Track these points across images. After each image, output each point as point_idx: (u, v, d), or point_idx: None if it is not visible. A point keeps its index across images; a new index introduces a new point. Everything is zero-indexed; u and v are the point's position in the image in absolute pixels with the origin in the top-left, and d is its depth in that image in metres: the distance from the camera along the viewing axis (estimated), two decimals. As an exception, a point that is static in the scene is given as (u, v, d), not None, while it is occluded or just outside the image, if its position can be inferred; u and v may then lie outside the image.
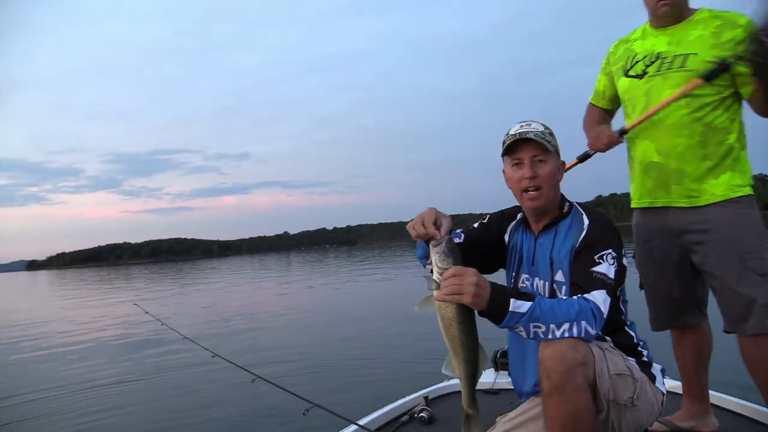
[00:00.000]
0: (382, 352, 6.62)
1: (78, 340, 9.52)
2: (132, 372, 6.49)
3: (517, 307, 1.39)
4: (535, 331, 1.41)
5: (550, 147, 1.67)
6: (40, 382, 6.26)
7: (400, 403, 2.71)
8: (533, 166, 1.66)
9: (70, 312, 16.05)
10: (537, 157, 1.66)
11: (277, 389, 2.67)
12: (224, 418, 4.41)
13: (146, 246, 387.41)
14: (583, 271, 1.54)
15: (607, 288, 1.50)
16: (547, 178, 1.67)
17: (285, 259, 66.05)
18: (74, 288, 32.54)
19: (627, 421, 1.54)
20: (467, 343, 1.45)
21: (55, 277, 72.20)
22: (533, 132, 1.65)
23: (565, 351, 1.39)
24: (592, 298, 1.46)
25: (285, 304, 13.70)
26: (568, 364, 1.38)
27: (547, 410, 1.44)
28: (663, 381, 1.73)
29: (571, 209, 1.75)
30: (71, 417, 4.83)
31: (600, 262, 1.54)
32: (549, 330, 1.40)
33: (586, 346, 1.44)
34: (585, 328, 1.41)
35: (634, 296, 1.96)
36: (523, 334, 1.43)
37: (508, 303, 1.39)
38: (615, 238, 1.61)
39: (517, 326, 1.41)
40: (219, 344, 7.28)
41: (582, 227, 1.67)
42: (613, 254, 1.56)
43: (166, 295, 19.60)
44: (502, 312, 1.39)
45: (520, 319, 1.39)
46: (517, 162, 1.69)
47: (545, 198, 1.68)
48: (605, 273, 1.52)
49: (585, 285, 1.50)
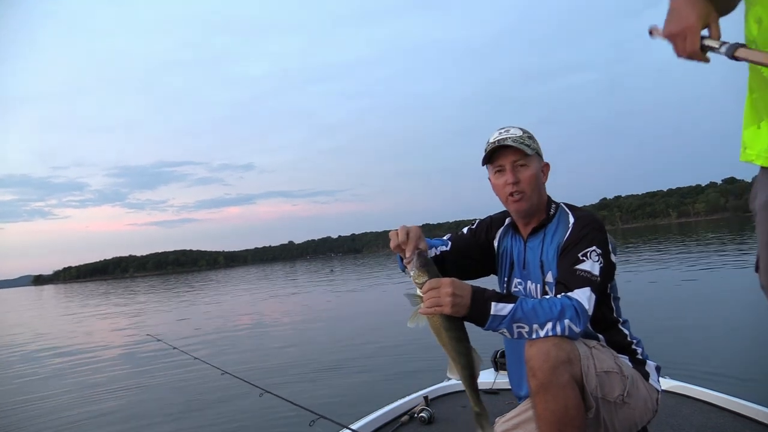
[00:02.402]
0: (384, 354, 6.70)
1: (84, 358, 9.43)
2: (141, 389, 6.46)
3: (499, 309, 1.41)
4: (519, 331, 1.43)
5: (530, 151, 1.68)
6: (42, 398, 6.29)
7: (400, 403, 2.72)
8: (515, 172, 1.68)
9: (74, 328, 16.08)
10: (518, 162, 1.68)
11: (284, 402, 2.70)
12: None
13: (152, 258, 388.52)
14: (568, 269, 1.55)
15: (591, 285, 1.50)
16: (529, 182, 1.68)
17: (290, 269, 66.13)
18: (80, 303, 32.62)
19: (620, 420, 1.54)
20: (459, 349, 1.49)
21: (61, 291, 72.53)
22: (512, 138, 1.68)
23: (549, 349, 1.40)
24: (576, 296, 1.47)
25: (290, 313, 13.77)
26: (553, 362, 1.39)
27: (536, 409, 1.44)
28: (658, 378, 1.73)
29: (557, 210, 1.76)
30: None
31: (584, 260, 1.54)
32: (532, 330, 1.42)
33: (571, 344, 1.45)
34: (569, 326, 1.42)
35: (628, 294, 1.95)
36: (508, 335, 1.45)
37: (488, 307, 1.41)
38: (600, 235, 1.61)
39: (501, 328, 1.43)
40: (226, 357, 7.28)
41: (568, 225, 1.68)
42: (598, 251, 1.56)
43: (171, 308, 19.62)
44: (484, 316, 1.42)
45: (503, 321, 1.42)
46: (499, 169, 1.72)
47: (529, 201, 1.70)
48: (589, 270, 1.52)
49: (569, 283, 1.51)
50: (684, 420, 2.33)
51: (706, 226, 62.42)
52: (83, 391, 6.55)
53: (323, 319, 11.66)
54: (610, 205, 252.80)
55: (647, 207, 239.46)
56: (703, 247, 22.38)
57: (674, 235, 42.01)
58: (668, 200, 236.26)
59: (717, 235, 32.31)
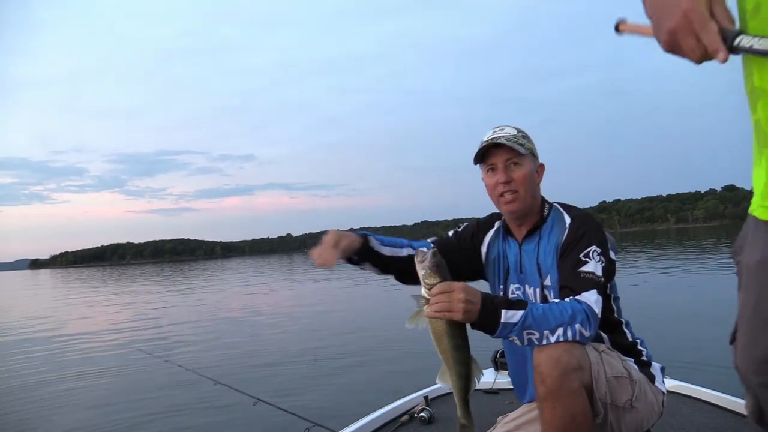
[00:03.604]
0: (382, 353, 6.64)
1: (72, 358, 8.43)
2: (131, 402, 5.57)
3: (509, 317, 1.37)
4: (529, 338, 1.39)
5: (524, 150, 1.63)
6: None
7: (400, 403, 2.71)
8: (507, 171, 1.64)
9: (65, 318, 15.98)
10: (510, 160, 1.64)
11: (279, 410, 2.67)
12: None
13: (149, 246, 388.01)
14: (571, 272, 1.52)
15: (597, 287, 1.47)
16: (522, 181, 1.64)
17: (287, 262, 66.03)
18: (78, 289, 32.49)
19: (626, 424, 1.52)
20: (459, 357, 1.42)
21: (57, 276, 72.19)
22: (505, 136, 1.64)
23: (559, 355, 1.37)
24: (584, 299, 1.44)
25: (283, 311, 13.38)
26: (563, 369, 1.36)
27: (543, 415, 1.42)
28: (663, 380, 1.71)
29: (551, 210, 1.73)
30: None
31: (587, 261, 1.51)
32: (543, 336, 1.38)
33: (582, 350, 1.42)
34: (579, 330, 1.39)
35: (629, 295, 1.92)
36: (518, 342, 1.41)
37: (499, 314, 1.37)
38: (599, 233, 1.59)
39: (511, 335, 1.39)
40: (220, 364, 6.72)
41: (564, 225, 1.65)
42: (599, 250, 1.54)
43: (164, 304, 18.82)
44: (494, 324, 1.37)
45: (513, 329, 1.37)
46: (491, 168, 1.68)
47: (522, 201, 1.65)
48: (593, 271, 1.49)
49: (574, 286, 1.48)
50: (685, 420, 2.31)
51: (705, 233, 62.43)
52: (66, 392, 6.13)
53: (320, 317, 11.51)
54: (609, 209, 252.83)
55: (646, 212, 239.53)
56: (702, 251, 22.44)
57: (672, 241, 42.02)
58: (667, 205, 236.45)
59: (715, 241, 32.31)
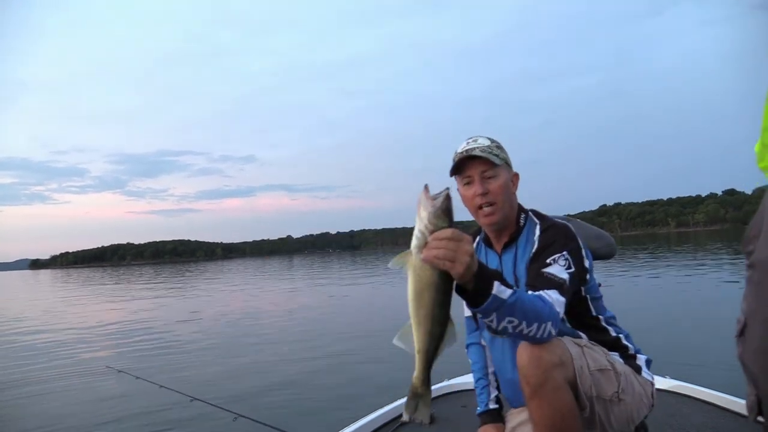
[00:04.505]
0: (382, 353, 6.54)
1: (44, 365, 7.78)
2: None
3: (501, 291, 1.25)
4: (506, 326, 1.29)
5: (498, 161, 1.65)
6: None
7: (399, 403, 2.67)
8: (483, 183, 1.65)
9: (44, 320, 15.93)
10: (486, 173, 1.65)
11: (261, 425, 2.57)
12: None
13: (150, 247, 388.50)
14: (536, 273, 1.54)
15: (558, 288, 1.46)
16: (499, 193, 1.65)
17: (288, 263, 66.08)
18: (59, 290, 32.50)
19: (616, 416, 1.53)
20: (438, 316, 1.22)
21: (57, 276, 72.26)
22: (479, 148, 1.65)
23: (540, 354, 1.38)
24: (549, 298, 1.42)
25: (278, 311, 13.18)
26: (545, 366, 1.37)
27: (532, 414, 1.43)
28: (649, 371, 1.72)
29: (527, 220, 1.74)
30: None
31: (550, 264, 1.53)
32: (519, 326, 1.31)
33: (562, 345, 1.43)
34: (549, 330, 1.37)
35: (629, 296, 1.90)
36: (493, 325, 1.29)
37: (491, 285, 1.24)
38: (568, 241, 1.60)
39: (492, 314, 1.26)
40: (200, 377, 6.09)
41: (534, 237, 1.67)
42: (566, 257, 1.55)
43: (157, 305, 19.21)
44: (485, 293, 1.23)
45: (501, 306, 1.25)
46: (468, 181, 1.68)
47: (501, 213, 1.67)
48: (555, 273, 1.50)
49: (538, 285, 1.48)
50: (684, 419, 2.30)
51: (706, 236, 62.43)
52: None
53: (320, 318, 11.42)
54: (609, 212, 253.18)
55: (647, 215, 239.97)
56: (702, 253, 22.43)
57: (672, 244, 41.98)
58: (668, 209, 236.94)
59: (719, 245, 32.28)
